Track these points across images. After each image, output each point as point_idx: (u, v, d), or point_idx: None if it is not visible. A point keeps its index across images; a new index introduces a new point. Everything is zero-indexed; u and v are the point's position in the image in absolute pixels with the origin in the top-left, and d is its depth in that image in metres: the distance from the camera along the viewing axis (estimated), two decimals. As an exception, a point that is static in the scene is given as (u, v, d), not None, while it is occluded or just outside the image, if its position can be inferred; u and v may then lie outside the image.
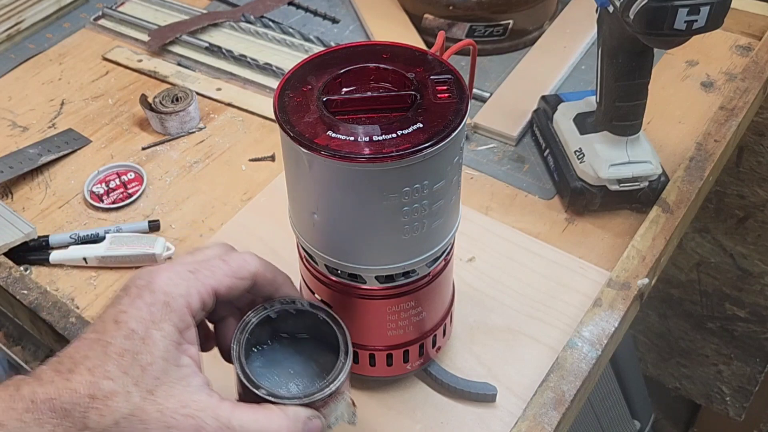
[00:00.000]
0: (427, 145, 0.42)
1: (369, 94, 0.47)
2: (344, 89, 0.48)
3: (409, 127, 0.43)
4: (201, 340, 0.44)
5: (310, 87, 0.46)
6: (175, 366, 0.39)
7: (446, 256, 0.52)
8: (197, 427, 0.38)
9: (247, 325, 0.47)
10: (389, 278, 0.50)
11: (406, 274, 0.50)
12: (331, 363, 0.47)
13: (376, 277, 0.49)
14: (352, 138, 0.43)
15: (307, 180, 0.45)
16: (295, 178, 0.47)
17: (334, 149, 0.42)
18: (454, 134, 0.43)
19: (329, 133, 0.43)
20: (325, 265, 0.51)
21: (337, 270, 0.51)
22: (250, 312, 0.48)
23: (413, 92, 0.46)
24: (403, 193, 0.44)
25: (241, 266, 0.45)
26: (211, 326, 0.48)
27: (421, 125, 0.43)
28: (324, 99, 0.45)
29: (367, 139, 0.43)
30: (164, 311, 0.39)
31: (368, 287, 0.51)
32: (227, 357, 0.46)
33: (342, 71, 0.48)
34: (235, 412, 0.40)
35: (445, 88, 0.46)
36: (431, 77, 0.47)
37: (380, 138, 0.43)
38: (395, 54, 0.49)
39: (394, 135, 0.43)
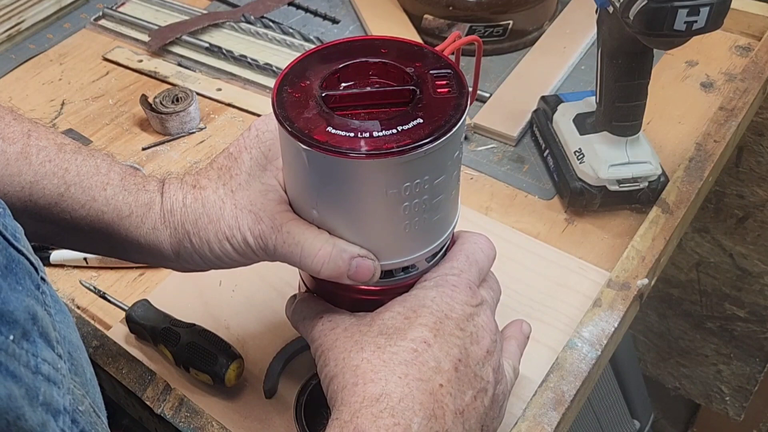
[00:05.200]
0: (428, 140, 0.42)
1: (368, 89, 0.47)
2: (343, 84, 0.48)
3: (410, 122, 0.43)
4: None
5: (308, 82, 0.46)
6: (257, 180, 0.48)
7: (446, 251, 0.52)
8: (255, 219, 0.47)
9: (306, 386, 0.55)
10: (388, 273, 0.49)
11: (405, 270, 0.50)
12: None
13: None
14: (351, 134, 0.42)
15: (306, 176, 0.45)
16: (294, 174, 0.46)
17: (333, 145, 0.42)
18: (454, 129, 0.43)
19: (328, 128, 0.43)
20: None
21: None
22: (309, 377, 0.55)
23: (413, 87, 0.45)
24: (403, 188, 0.43)
25: None
26: None
27: (422, 120, 0.43)
28: (323, 94, 0.45)
29: (367, 134, 0.42)
30: (255, 141, 0.49)
31: (366, 287, 0.51)
32: None
33: (340, 66, 0.47)
34: (291, 222, 0.47)
35: (444, 82, 0.45)
36: (430, 72, 0.46)
37: (380, 134, 0.42)
38: (394, 49, 0.48)
39: (395, 130, 0.42)
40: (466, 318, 0.47)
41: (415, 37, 0.92)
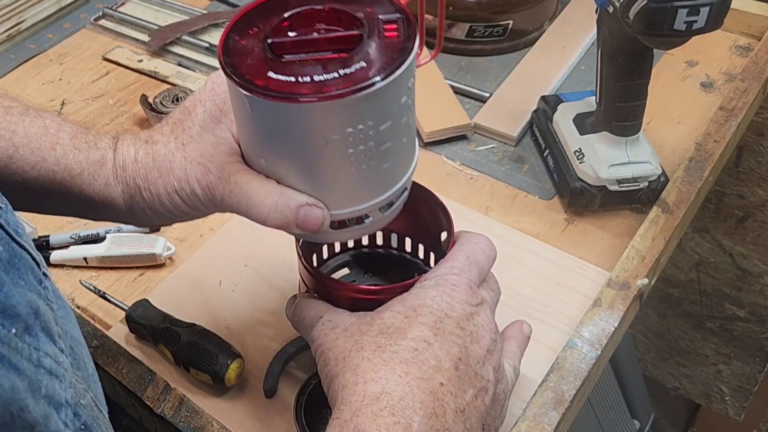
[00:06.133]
0: (367, 83, 0.41)
1: (315, 35, 0.45)
2: (291, 32, 0.46)
3: (352, 66, 0.42)
4: None
5: (256, 30, 0.45)
6: (210, 133, 0.48)
7: (403, 203, 0.51)
8: (204, 171, 0.47)
9: (306, 386, 0.56)
10: (342, 224, 0.48)
11: (359, 220, 0.49)
12: None
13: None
14: (292, 78, 0.41)
15: (251, 123, 0.44)
16: (241, 122, 0.46)
17: (273, 90, 0.41)
18: (397, 72, 0.42)
19: (270, 74, 0.42)
20: None
21: None
22: (309, 377, 0.56)
23: (360, 32, 0.44)
24: (346, 134, 0.42)
25: None
26: None
27: (365, 64, 0.42)
28: (269, 42, 0.44)
29: (308, 79, 0.41)
30: (209, 94, 0.49)
31: (366, 287, 0.51)
32: None
33: (290, 14, 0.46)
34: (239, 173, 0.47)
35: (393, 27, 0.44)
36: (380, 16, 0.45)
37: (321, 78, 0.41)
38: None
39: (336, 74, 0.41)
40: (466, 317, 0.47)
41: (415, 37, 0.92)
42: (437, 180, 0.76)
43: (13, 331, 0.29)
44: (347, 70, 0.41)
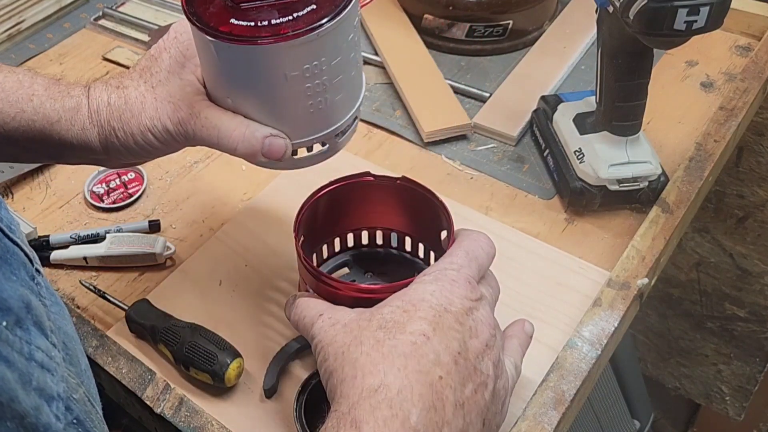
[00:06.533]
0: (318, 23, 0.46)
1: None
2: None
3: (304, 9, 0.47)
4: None
5: None
6: (176, 77, 0.52)
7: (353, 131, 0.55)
8: (174, 108, 0.52)
9: (306, 386, 0.56)
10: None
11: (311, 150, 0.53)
12: None
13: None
14: (252, 23, 0.46)
15: (217, 67, 0.49)
16: (207, 67, 0.50)
17: (236, 34, 0.46)
18: (344, 13, 0.47)
19: (232, 20, 0.47)
20: None
21: None
22: (309, 376, 0.57)
23: None
24: (303, 70, 0.47)
25: None
26: None
27: (315, 6, 0.47)
28: None
29: (266, 23, 0.46)
30: (173, 42, 0.53)
31: (365, 285, 0.52)
32: None
33: None
34: (208, 109, 0.51)
35: None
36: None
37: (278, 21, 0.46)
38: None
39: (290, 17, 0.46)
40: (465, 312, 0.47)
41: (415, 36, 0.92)
42: (437, 180, 0.76)
43: (4, 323, 0.30)
44: (300, 13, 0.47)
